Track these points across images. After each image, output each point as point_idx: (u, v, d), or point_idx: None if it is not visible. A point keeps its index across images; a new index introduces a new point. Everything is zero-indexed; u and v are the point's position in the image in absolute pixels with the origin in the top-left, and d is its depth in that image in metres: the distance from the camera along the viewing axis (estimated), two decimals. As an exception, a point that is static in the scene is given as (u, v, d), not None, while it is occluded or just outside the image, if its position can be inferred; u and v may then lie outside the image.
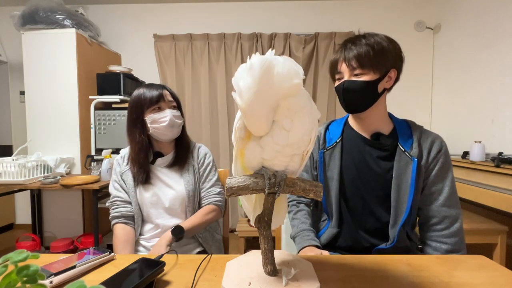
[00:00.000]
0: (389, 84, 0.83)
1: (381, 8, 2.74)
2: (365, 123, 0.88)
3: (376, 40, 0.78)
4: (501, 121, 1.94)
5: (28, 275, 0.28)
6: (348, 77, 0.81)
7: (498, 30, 1.96)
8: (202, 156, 1.10)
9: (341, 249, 0.90)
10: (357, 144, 0.88)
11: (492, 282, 0.57)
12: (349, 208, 0.88)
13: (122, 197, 1.01)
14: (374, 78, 0.79)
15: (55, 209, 2.37)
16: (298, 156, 0.54)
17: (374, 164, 0.85)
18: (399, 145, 0.83)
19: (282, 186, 0.52)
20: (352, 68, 0.79)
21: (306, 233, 0.89)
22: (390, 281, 0.58)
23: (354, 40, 0.81)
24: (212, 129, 2.77)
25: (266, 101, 0.44)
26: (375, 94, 0.81)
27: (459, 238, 0.80)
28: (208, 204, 1.05)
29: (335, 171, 0.88)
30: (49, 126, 2.22)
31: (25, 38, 2.19)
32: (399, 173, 0.81)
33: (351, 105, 0.83)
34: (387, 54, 0.78)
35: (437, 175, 0.82)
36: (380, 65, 0.78)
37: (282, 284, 0.53)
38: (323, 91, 2.72)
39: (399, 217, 0.81)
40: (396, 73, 0.82)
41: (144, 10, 2.83)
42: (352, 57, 0.78)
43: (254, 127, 0.47)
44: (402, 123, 0.88)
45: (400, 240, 0.82)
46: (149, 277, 0.55)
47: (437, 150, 0.82)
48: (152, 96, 0.97)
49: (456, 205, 0.82)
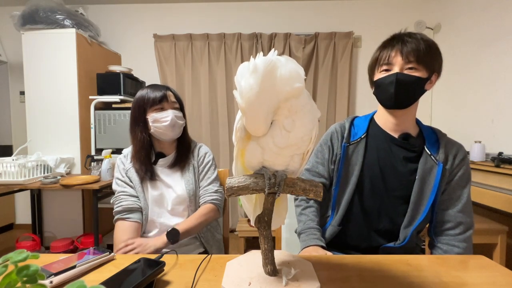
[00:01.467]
0: (429, 87, 0.83)
1: (381, 8, 2.75)
2: (397, 122, 0.86)
3: (430, 40, 0.79)
4: (501, 121, 1.94)
5: (28, 275, 0.28)
6: (400, 70, 0.79)
7: (498, 30, 1.96)
8: (202, 154, 1.10)
9: (347, 247, 0.89)
10: (383, 142, 0.87)
11: (492, 282, 0.57)
12: (363, 206, 0.87)
13: (128, 191, 1.00)
14: (425, 76, 0.79)
15: (55, 209, 2.37)
16: (298, 156, 0.54)
17: (400, 164, 0.84)
18: (426, 149, 0.83)
19: (282, 186, 0.52)
20: (407, 61, 0.78)
21: (313, 232, 0.87)
22: (390, 281, 0.58)
23: (410, 34, 0.80)
24: (212, 129, 2.77)
25: (266, 102, 0.44)
26: (420, 93, 0.81)
27: (469, 244, 0.82)
28: (205, 203, 1.04)
29: (356, 167, 0.87)
30: (49, 126, 2.22)
31: (25, 38, 2.19)
32: (423, 176, 0.81)
33: (398, 98, 0.80)
34: (438, 57, 0.80)
35: (458, 182, 0.83)
36: (432, 65, 0.79)
37: (282, 284, 0.53)
38: (323, 91, 2.72)
39: (415, 219, 0.82)
40: (436, 78, 0.83)
41: (144, 10, 2.83)
42: (411, 50, 0.77)
43: (252, 127, 0.47)
44: (428, 129, 0.89)
45: (410, 241, 0.82)
46: (149, 277, 0.55)
47: (461, 157, 0.83)
48: (156, 96, 0.98)
49: (471, 213, 0.84)
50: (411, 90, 0.79)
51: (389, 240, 0.85)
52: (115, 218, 0.97)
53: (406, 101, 0.81)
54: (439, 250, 0.83)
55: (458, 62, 2.35)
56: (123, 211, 0.96)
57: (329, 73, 2.69)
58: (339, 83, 2.72)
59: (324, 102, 2.72)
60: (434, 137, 0.86)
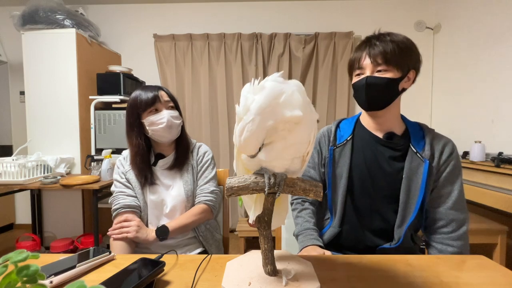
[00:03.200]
0: (408, 85, 0.83)
1: (381, 8, 2.75)
2: (379, 122, 0.87)
3: (400, 39, 0.79)
4: (501, 121, 1.94)
5: (28, 275, 0.28)
6: (371, 73, 0.80)
7: (498, 30, 1.96)
8: (202, 153, 1.09)
9: (344, 248, 0.90)
10: (369, 143, 0.88)
11: (492, 282, 0.57)
12: (356, 207, 0.87)
13: (126, 192, 0.99)
14: (397, 76, 0.79)
15: (55, 209, 2.37)
16: (298, 159, 0.54)
17: (386, 163, 0.85)
18: (411, 146, 0.83)
19: (282, 186, 0.52)
20: (376, 64, 0.79)
21: (310, 232, 0.88)
22: (390, 281, 0.58)
23: (378, 36, 0.81)
24: (212, 129, 2.77)
25: (264, 129, 0.45)
26: (395, 93, 0.81)
27: (465, 241, 0.81)
28: (199, 203, 1.02)
29: (344, 168, 0.87)
30: (49, 126, 2.22)
31: (25, 38, 2.19)
32: (410, 174, 0.81)
33: (371, 101, 0.82)
34: (411, 54, 0.79)
35: (447, 178, 0.82)
36: (404, 64, 0.79)
37: (282, 284, 0.53)
38: (323, 91, 2.72)
39: (407, 218, 0.81)
40: (414, 74, 0.83)
41: (144, 10, 2.83)
42: (378, 53, 0.78)
43: (243, 147, 0.47)
44: (414, 125, 0.88)
45: (405, 241, 0.82)
46: (149, 277, 0.55)
47: (448, 153, 0.82)
48: (148, 98, 0.96)
49: (463, 209, 0.82)
50: (383, 91, 0.80)
51: (385, 240, 0.85)
52: (113, 215, 0.97)
53: (380, 103, 0.82)
54: (434, 249, 0.83)
55: (458, 62, 2.35)
56: (121, 207, 0.96)
57: (329, 73, 2.69)
58: (339, 83, 2.72)
59: (324, 102, 2.72)
60: (421, 133, 0.86)
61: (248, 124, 0.44)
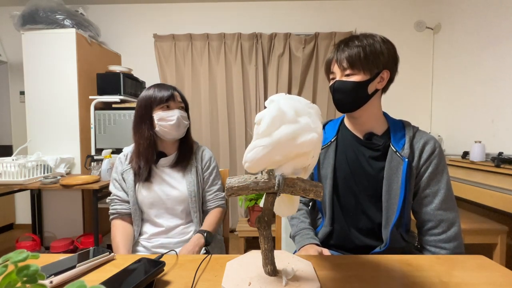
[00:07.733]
0: (381, 85, 0.83)
1: (381, 8, 2.74)
2: (358, 123, 0.88)
3: (368, 42, 0.79)
4: (501, 121, 1.94)
5: (28, 275, 0.28)
6: (340, 78, 0.82)
7: (498, 30, 1.96)
8: (207, 159, 1.12)
9: (334, 247, 0.90)
10: (351, 143, 0.89)
11: (492, 282, 0.57)
12: (342, 206, 0.88)
13: (121, 196, 1.04)
14: (364, 79, 0.79)
15: (55, 209, 2.37)
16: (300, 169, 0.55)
17: (367, 164, 0.85)
18: (391, 146, 0.82)
19: (282, 186, 0.52)
20: (343, 68, 0.81)
21: (306, 232, 0.90)
22: (390, 281, 0.58)
23: (347, 41, 0.82)
24: (212, 129, 2.77)
25: (270, 159, 0.50)
26: (365, 95, 0.81)
27: (458, 242, 0.79)
28: (218, 207, 1.10)
29: (329, 169, 0.89)
30: (49, 126, 2.22)
31: (25, 38, 2.19)
32: (390, 174, 0.81)
33: (341, 104, 0.85)
34: (378, 56, 0.79)
35: (431, 178, 0.81)
36: (371, 66, 0.79)
37: (282, 284, 0.53)
38: (323, 91, 2.72)
39: (391, 218, 0.81)
40: (389, 74, 0.82)
41: (144, 10, 2.83)
42: (343, 58, 0.80)
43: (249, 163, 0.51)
44: (397, 124, 0.88)
45: (393, 242, 0.81)
46: (149, 277, 0.55)
47: (429, 152, 0.81)
48: (163, 96, 0.99)
49: (452, 208, 0.81)
50: (352, 94, 0.81)
51: (374, 240, 0.85)
52: (110, 218, 1.03)
53: (350, 106, 0.83)
54: (427, 253, 0.82)
55: (458, 62, 2.35)
56: (116, 213, 1.03)
57: (329, 73, 2.69)
58: (339, 83, 2.71)
59: (324, 102, 2.72)
60: (402, 132, 0.85)
61: (258, 148, 0.48)
